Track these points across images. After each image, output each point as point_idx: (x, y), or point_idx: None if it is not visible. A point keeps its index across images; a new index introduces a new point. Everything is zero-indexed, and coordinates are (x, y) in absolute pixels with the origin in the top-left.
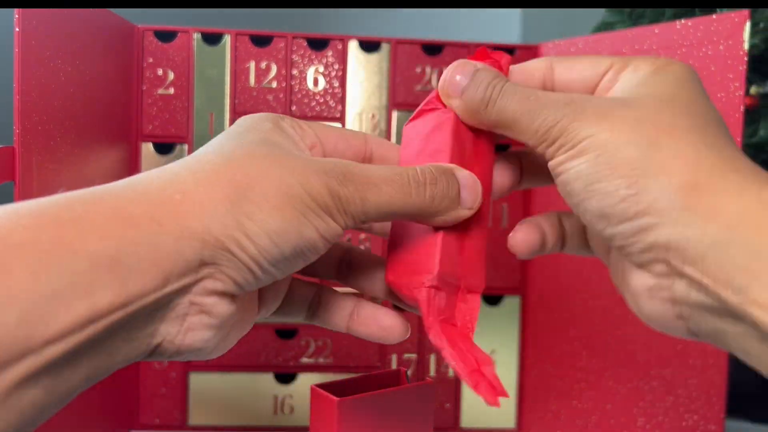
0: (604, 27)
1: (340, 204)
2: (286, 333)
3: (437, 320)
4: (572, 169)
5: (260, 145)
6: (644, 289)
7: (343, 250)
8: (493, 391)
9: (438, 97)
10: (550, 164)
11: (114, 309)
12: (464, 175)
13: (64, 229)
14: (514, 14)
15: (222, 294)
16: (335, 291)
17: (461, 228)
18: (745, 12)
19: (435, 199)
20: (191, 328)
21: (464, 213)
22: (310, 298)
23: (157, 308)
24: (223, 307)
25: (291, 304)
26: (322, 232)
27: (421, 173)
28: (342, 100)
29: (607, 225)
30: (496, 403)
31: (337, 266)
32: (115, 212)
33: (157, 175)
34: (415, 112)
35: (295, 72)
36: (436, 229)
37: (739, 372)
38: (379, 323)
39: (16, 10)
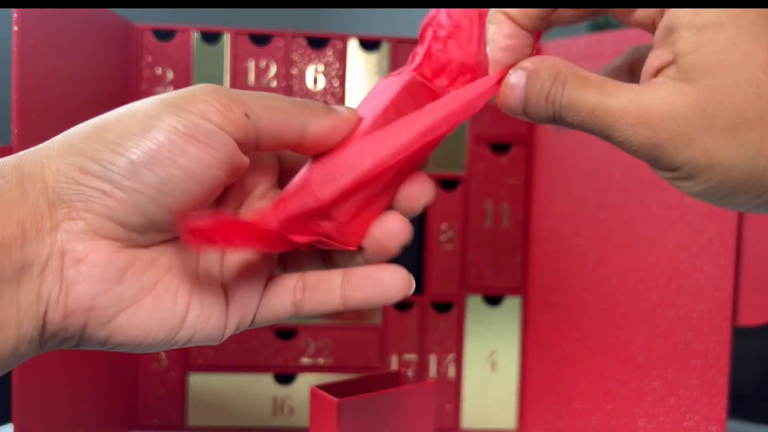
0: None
1: (206, 97)
2: (286, 333)
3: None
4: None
5: None
6: None
7: None
8: (203, 239)
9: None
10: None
11: None
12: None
13: None
14: None
15: (93, 235)
16: (318, 271)
17: (333, 153)
18: None
19: (308, 105)
20: (71, 282)
21: (341, 115)
22: (292, 287)
23: (28, 262)
24: (101, 254)
25: (272, 297)
26: (186, 129)
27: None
28: (342, 100)
29: None
30: (190, 242)
31: (321, 252)
32: None
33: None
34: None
35: (294, 71)
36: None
37: (740, 373)
38: (374, 280)
39: (14, 10)
